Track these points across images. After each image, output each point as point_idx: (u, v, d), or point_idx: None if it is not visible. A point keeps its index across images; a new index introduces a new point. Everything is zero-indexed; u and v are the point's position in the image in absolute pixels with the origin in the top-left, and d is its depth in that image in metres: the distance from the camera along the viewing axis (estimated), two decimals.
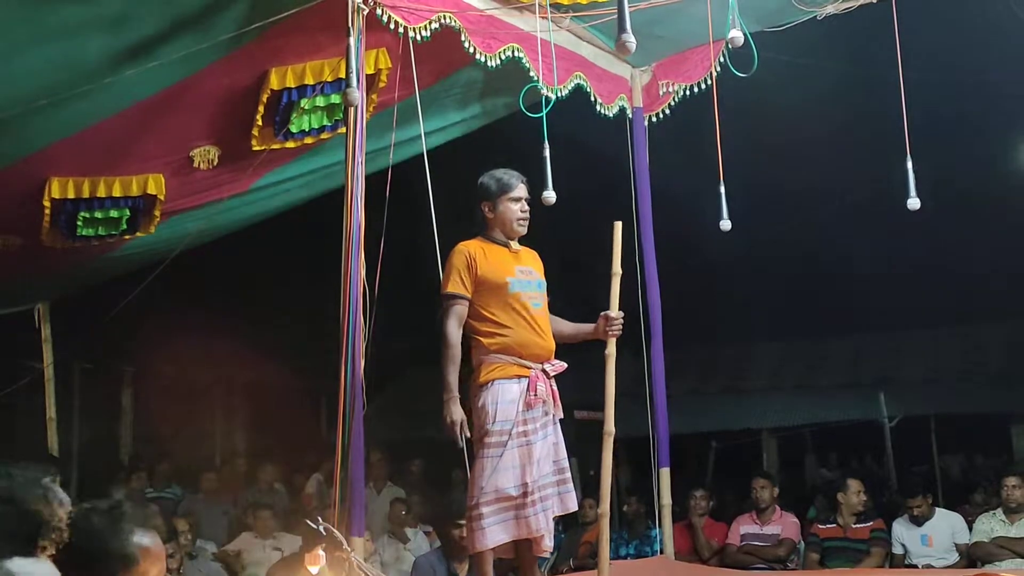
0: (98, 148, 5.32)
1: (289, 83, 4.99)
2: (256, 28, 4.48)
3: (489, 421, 4.06)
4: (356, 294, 4.24)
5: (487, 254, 4.24)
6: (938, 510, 6.67)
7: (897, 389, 10.65)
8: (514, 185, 4.30)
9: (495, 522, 4.02)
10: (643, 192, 6.30)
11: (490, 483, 4.01)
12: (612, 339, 4.32)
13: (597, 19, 5.49)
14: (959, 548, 6.43)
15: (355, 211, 4.31)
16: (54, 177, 5.48)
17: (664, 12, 5.28)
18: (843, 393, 11.28)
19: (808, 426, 11.16)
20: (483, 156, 5.00)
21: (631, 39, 3.28)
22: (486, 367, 4.14)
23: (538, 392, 4.11)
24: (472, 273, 4.18)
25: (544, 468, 4.12)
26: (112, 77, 4.50)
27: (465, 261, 4.20)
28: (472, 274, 4.18)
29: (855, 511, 6.57)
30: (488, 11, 5.12)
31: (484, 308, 4.18)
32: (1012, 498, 6.30)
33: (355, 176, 4.33)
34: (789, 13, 5.40)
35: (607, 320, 4.31)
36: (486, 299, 4.18)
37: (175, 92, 4.93)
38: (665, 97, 6.31)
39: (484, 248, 4.26)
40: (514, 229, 4.31)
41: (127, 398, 11.71)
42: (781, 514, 6.82)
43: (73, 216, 5.75)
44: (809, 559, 6.61)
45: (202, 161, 5.57)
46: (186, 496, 8.91)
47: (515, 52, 5.23)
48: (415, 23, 4.69)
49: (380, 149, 5.04)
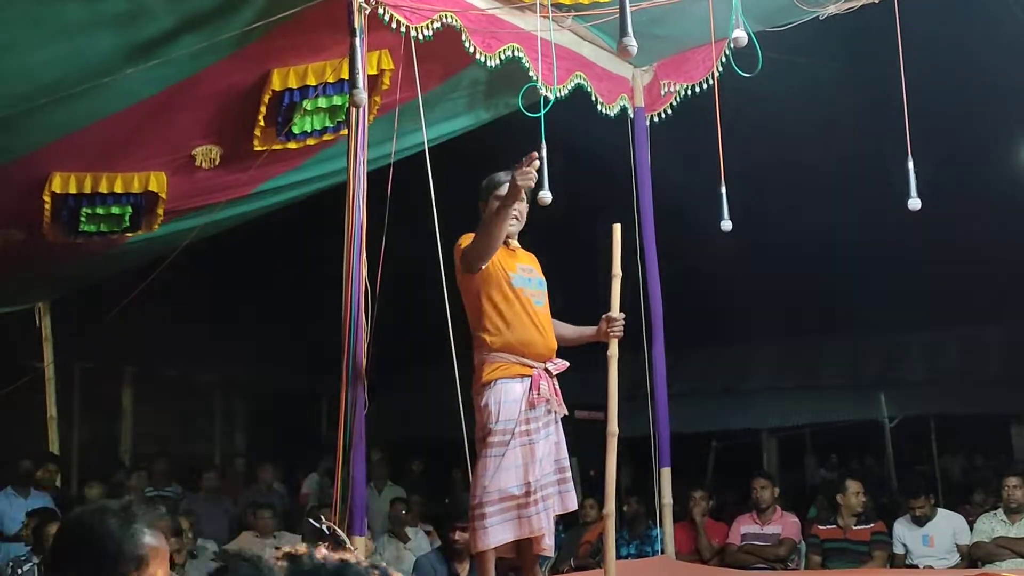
0: (101, 145, 5.34)
1: (291, 83, 5.00)
2: (258, 28, 4.49)
3: (492, 420, 4.05)
4: (358, 292, 4.24)
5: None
6: (940, 511, 6.66)
7: (897, 389, 10.65)
8: (502, 183, 4.27)
9: (498, 521, 4.02)
10: (644, 192, 6.29)
11: (493, 482, 4.01)
12: (614, 340, 4.32)
13: (599, 19, 5.49)
14: (960, 549, 6.43)
15: (357, 210, 4.31)
16: (56, 172, 5.49)
17: (666, 12, 5.27)
18: (843, 393, 11.28)
19: (809, 426, 11.17)
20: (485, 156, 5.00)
21: (632, 43, 3.28)
22: (489, 366, 4.12)
23: (541, 391, 4.11)
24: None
25: (546, 467, 4.12)
26: (116, 75, 4.51)
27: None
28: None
29: (855, 512, 6.56)
30: (490, 10, 5.12)
31: (487, 303, 4.15)
32: (1013, 498, 6.30)
33: (357, 175, 4.33)
34: (791, 13, 5.39)
35: (609, 322, 4.31)
36: (491, 291, 4.16)
37: (178, 91, 4.94)
38: (667, 97, 6.31)
39: None
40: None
41: (127, 397, 11.71)
42: (782, 514, 6.82)
43: (76, 212, 5.76)
44: (811, 561, 6.60)
45: (204, 160, 5.58)
46: (186, 495, 8.92)
47: (515, 52, 5.23)
48: (417, 22, 4.69)
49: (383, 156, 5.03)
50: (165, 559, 2.10)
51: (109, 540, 2.02)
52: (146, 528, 2.07)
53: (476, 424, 4.17)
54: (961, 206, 8.85)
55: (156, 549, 2.07)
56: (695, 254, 9.07)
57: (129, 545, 2.03)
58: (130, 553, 2.02)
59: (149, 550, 2.05)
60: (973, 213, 9.70)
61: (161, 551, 2.08)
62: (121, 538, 2.03)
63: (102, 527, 2.04)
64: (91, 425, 11.18)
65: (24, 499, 7.56)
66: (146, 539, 2.05)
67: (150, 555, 2.05)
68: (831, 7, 5.33)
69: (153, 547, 2.06)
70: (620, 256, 4.39)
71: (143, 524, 2.07)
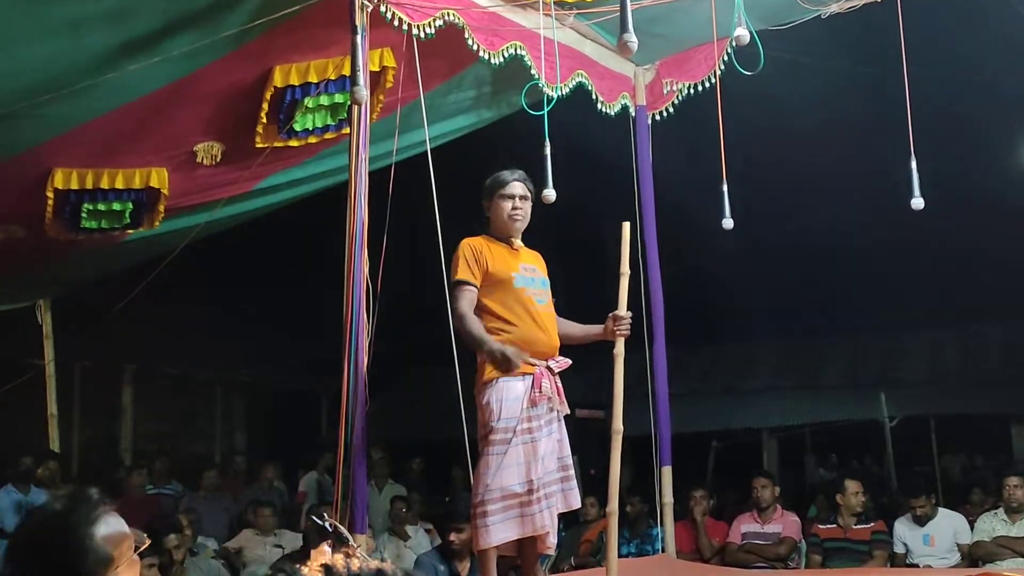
0: (102, 141, 5.33)
1: (293, 80, 4.99)
2: (260, 25, 4.48)
3: (494, 418, 4.05)
4: (359, 291, 4.24)
5: (492, 250, 4.25)
6: (941, 510, 6.66)
7: (897, 389, 10.66)
8: (507, 181, 4.30)
9: (500, 520, 4.01)
10: (646, 190, 6.29)
11: (495, 481, 4.00)
12: (621, 339, 4.32)
13: (601, 16, 5.48)
14: (961, 548, 6.43)
15: (359, 209, 4.30)
16: (58, 167, 5.49)
17: (668, 10, 5.28)
18: (844, 393, 11.30)
19: (809, 425, 11.17)
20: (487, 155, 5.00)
21: (633, 39, 3.28)
22: (491, 364, 4.13)
23: (543, 389, 4.11)
24: (480, 265, 4.18)
25: (549, 465, 4.11)
26: (117, 71, 4.50)
27: (472, 253, 4.20)
28: (480, 266, 4.18)
29: (854, 512, 6.56)
30: (492, 8, 5.11)
31: (490, 303, 4.17)
32: (1014, 498, 6.30)
33: (359, 174, 4.33)
34: (793, 11, 5.39)
35: (615, 320, 4.31)
36: (492, 294, 4.18)
37: (179, 87, 4.93)
38: (669, 95, 6.31)
39: (488, 245, 4.27)
40: (508, 225, 4.30)
41: (128, 395, 11.72)
42: (782, 513, 6.82)
43: (77, 208, 5.75)
44: (812, 561, 6.60)
45: (205, 156, 5.57)
46: (187, 493, 8.93)
47: (517, 50, 5.23)
48: (419, 20, 4.68)
49: (385, 154, 5.03)
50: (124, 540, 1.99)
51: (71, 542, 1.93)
52: (94, 528, 1.96)
53: (478, 422, 4.17)
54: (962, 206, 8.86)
55: (113, 539, 1.97)
56: (696, 253, 9.07)
57: (90, 559, 1.92)
58: (90, 566, 1.92)
59: (109, 546, 1.95)
60: (974, 213, 9.71)
61: (118, 538, 1.97)
62: (80, 556, 1.92)
63: (58, 553, 1.94)
64: (91, 423, 11.19)
65: (24, 496, 7.56)
66: (98, 540, 1.95)
67: (112, 551, 1.95)
68: (833, 6, 5.33)
69: (110, 539, 1.96)
70: (628, 255, 4.39)
71: (87, 525, 1.96)
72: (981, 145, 9.13)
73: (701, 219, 6.24)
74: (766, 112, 7.17)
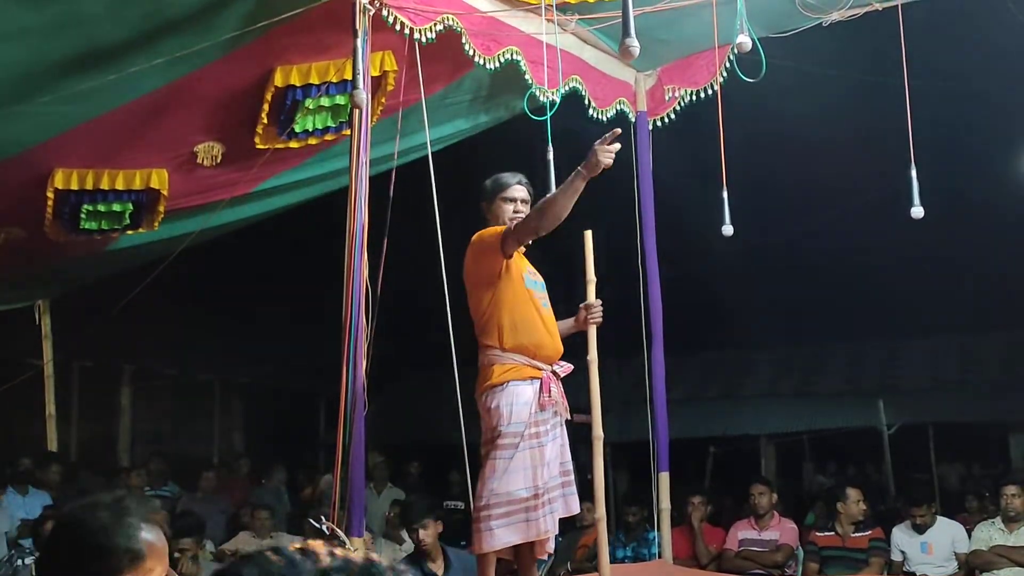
0: (102, 141, 5.33)
1: (294, 81, 4.98)
2: (262, 26, 4.48)
3: (503, 423, 4.03)
4: (359, 294, 4.24)
5: None
6: (939, 519, 6.66)
7: (896, 397, 10.64)
8: (509, 184, 4.29)
9: (503, 524, 4.00)
10: (646, 196, 6.28)
11: (500, 485, 3.99)
12: (593, 327, 4.33)
13: (602, 22, 5.48)
14: (958, 557, 6.42)
15: (359, 212, 4.30)
16: (58, 168, 5.49)
17: (670, 16, 5.27)
18: (842, 400, 11.28)
19: (807, 432, 11.16)
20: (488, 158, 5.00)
21: (635, 44, 3.28)
22: (499, 367, 4.11)
23: (552, 394, 4.10)
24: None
25: (553, 470, 4.12)
26: (117, 71, 4.50)
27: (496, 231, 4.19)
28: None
29: (854, 520, 6.55)
30: (493, 13, 5.11)
31: (502, 301, 4.14)
32: (1011, 507, 6.30)
33: (359, 177, 4.32)
34: (795, 19, 5.39)
35: (588, 309, 4.33)
36: (505, 290, 4.15)
37: (180, 87, 4.93)
38: (670, 102, 6.30)
39: None
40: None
41: (126, 395, 11.71)
42: (779, 520, 6.82)
43: (77, 209, 5.75)
44: (808, 568, 6.60)
45: (206, 157, 5.56)
46: (184, 495, 8.92)
47: (513, 55, 5.22)
48: (421, 24, 4.68)
49: (386, 158, 5.03)
50: (163, 555, 2.04)
51: (101, 534, 1.96)
52: (141, 522, 2.00)
53: (483, 426, 4.15)
54: (961, 215, 8.87)
55: (152, 544, 2.00)
56: (696, 259, 9.07)
57: (122, 539, 1.96)
58: (123, 547, 1.96)
59: (145, 545, 1.98)
60: (973, 222, 9.72)
61: (157, 547, 2.01)
62: (113, 532, 1.97)
63: (94, 521, 1.98)
64: (90, 423, 11.18)
65: (23, 497, 7.56)
66: (141, 533, 1.99)
67: (146, 550, 1.98)
68: (835, 14, 5.33)
69: (149, 542, 2.00)
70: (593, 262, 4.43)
71: (137, 518, 2.00)
72: (983, 154, 9.13)
73: (701, 225, 6.24)
74: (767, 119, 7.16)
